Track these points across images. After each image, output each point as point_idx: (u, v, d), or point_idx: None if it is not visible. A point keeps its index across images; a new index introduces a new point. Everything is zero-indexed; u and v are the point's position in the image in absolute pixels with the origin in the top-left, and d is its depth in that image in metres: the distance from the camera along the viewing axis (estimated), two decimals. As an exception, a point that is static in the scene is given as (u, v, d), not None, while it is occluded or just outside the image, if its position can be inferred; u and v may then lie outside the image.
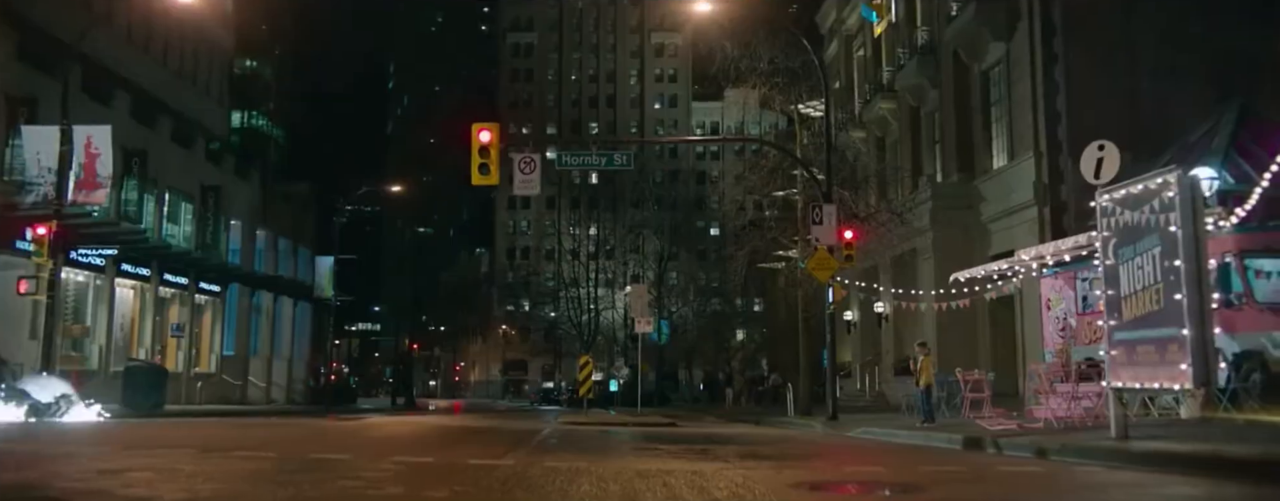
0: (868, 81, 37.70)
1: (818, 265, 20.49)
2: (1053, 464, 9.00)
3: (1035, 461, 9.37)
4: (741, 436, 15.08)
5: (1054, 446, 9.84)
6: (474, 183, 20.81)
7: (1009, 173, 27.32)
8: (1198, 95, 23.78)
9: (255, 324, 41.34)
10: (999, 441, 11.13)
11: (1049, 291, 19.07)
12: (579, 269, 75.18)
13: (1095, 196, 10.16)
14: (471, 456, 8.97)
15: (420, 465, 8.04)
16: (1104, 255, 9.92)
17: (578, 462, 8.16)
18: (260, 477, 6.76)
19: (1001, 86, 28.05)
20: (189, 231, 35.10)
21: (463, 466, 7.93)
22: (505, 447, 10.43)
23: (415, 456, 8.94)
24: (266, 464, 7.75)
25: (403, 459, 8.54)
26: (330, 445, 10.61)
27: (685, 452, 9.99)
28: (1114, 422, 9.86)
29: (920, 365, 16.27)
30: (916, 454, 10.87)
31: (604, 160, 20.94)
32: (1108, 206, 9.81)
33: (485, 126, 20.81)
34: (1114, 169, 10.12)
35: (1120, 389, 9.75)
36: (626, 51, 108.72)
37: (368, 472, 7.25)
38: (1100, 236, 9.93)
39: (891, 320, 32.94)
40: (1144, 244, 9.11)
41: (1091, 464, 8.68)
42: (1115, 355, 9.72)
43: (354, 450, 9.71)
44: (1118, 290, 9.60)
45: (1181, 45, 24.33)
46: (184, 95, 37.52)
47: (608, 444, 11.93)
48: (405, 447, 10.66)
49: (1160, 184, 9.01)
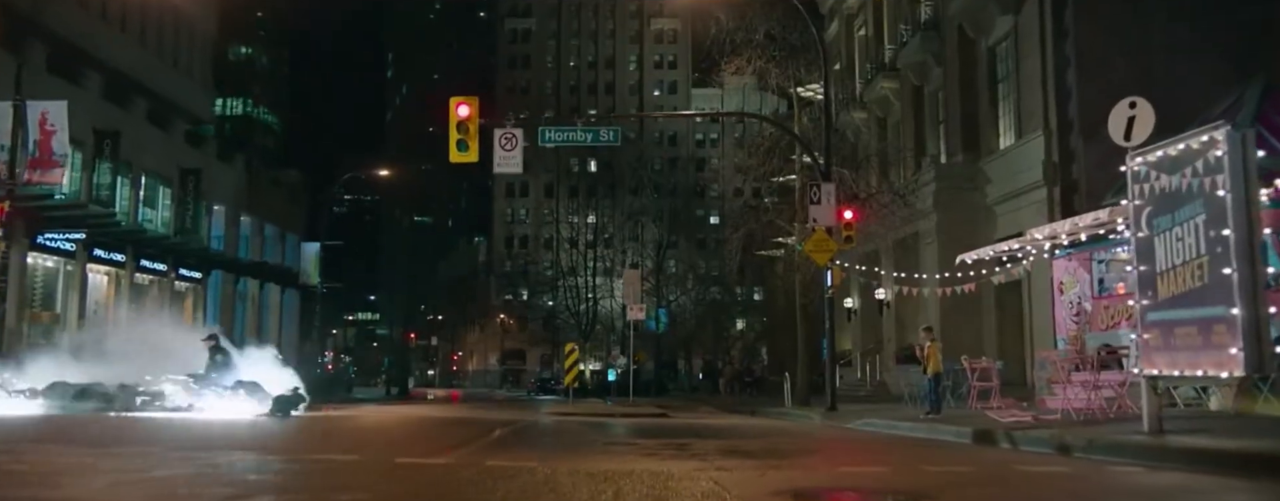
0: (869, 61, 36.46)
1: (816, 247, 19.36)
2: (1079, 462, 7.86)
3: (1058, 459, 8.23)
4: (731, 429, 13.96)
5: (1078, 441, 8.70)
6: (452, 160, 19.67)
7: (1016, 152, 26.14)
8: (1216, 70, 22.56)
9: (241, 312, 40.25)
10: (1013, 435, 10.00)
11: (1062, 274, 17.95)
12: (577, 257, 74.55)
13: (1126, 160, 8.99)
14: (411, 454, 7.86)
15: (335, 465, 6.94)
16: (1135, 226, 8.77)
17: (528, 462, 7.05)
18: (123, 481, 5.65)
19: (1009, 62, 26.83)
20: (168, 216, 33.99)
21: (382, 467, 6.82)
22: (458, 443, 9.30)
23: (344, 453, 7.82)
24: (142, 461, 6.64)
25: (324, 457, 7.45)
26: (259, 442, 9.49)
27: (661, 449, 8.88)
28: (1147, 415, 8.73)
29: (927, 352, 15.12)
30: (922, 449, 9.74)
31: (590, 136, 19.78)
32: (1140, 171, 8.64)
33: (464, 100, 19.67)
34: (1147, 128, 8.94)
35: (1154, 377, 8.60)
36: (625, 37, 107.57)
37: (253, 477, 6.13)
38: (1131, 205, 8.77)
39: (893, 307, 31.78)
40: (1184, 212, 7.96)
41: (1126, 463, 7.55)
42: (1148, 339, 8.58)
43: (279, 448, 8.60)
44: (1152, 265, 8.45)
45: (1198, 17, 23.14)
46: (163, 76, 36.30)
47: (578, 438, 10.80)
48: (345, 443, 9.54)
49: (1205, 143, 7.85)
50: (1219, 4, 22.88)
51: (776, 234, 25.32)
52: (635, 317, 28.65)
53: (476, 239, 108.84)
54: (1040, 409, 14.99)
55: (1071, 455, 8.45)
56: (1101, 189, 22.16)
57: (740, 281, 65.05)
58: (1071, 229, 13.69)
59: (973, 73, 28.37)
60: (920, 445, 10.44)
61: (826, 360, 20.02)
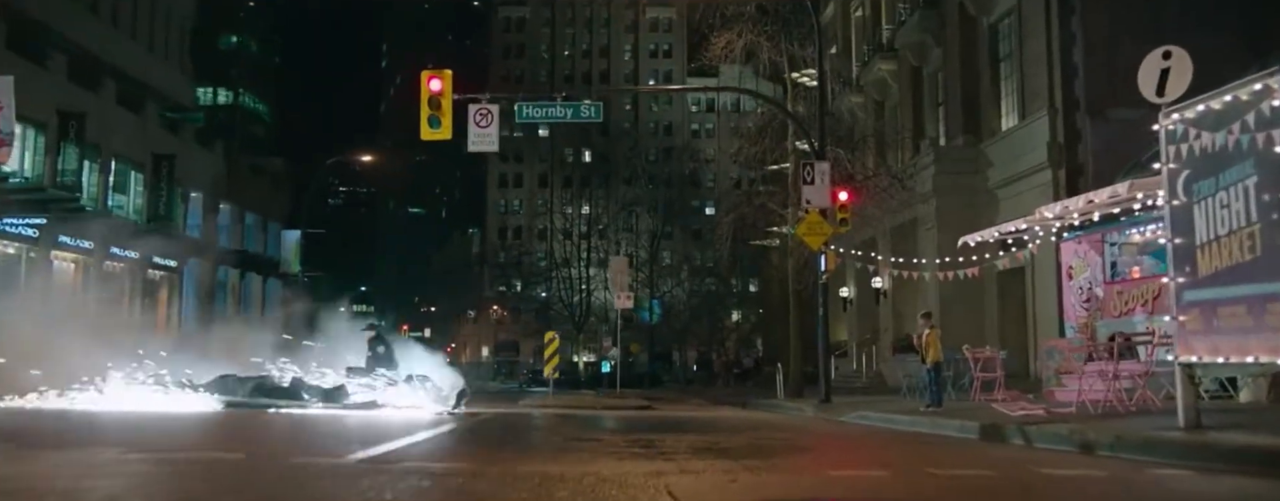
0: (866, 42, 35.31)
1: (809, 230, 18.24)
2: (1109, 462, 6.76)
3: (1083, 458, 7.14)
4: (716, 422, 12.87)
5: (1103, 438, 7.61)
6: (423, 137, 18.48)
7: (1019, 134, 25.06)
8: (1229, 49, 21.32)
9: (220, 301, 39.10)
10: (1026, 430, 8.92)
11: (1070, 257, 16.85)
12: (571, 249, 73.83)
13: (1159, 118, 7.87)
14: (313, 453, 6.75)
15: (204, 464, 5.85)
16: (1169, 193, 7.67)
17: (459, 463, 5.96)
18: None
19: (1012, 40, 25.71)
20: (140, 203, 32.83)
21: (254, 469, 5.72)
22: (391, 439, 8.16)
23: (230, 452, 6.70)
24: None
25: (205, 455, 6.36)
26: (180, 436, 8.40)
27: (628, 446, 7.78)
28: (1182, 409, 7.64)
29: (926, 339, 14.00)
30: (924, 447, 8.65)
31: (570, 112, 18.63)
32: (1177, 129, 7.53)
33: (436, 74, 18.50)
34: (1184, 82, 7.82)
35: (1192, 365, 7.50)
36: (620, 26, 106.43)
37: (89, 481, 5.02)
38: (1166, 169, 7.67)
39: (890, 296, 30.72)
40: (1231, 174, 6.86)
41: (1164, 463, 6.47)
42: (1186, 322, 7.48)
43: (192, 443, 7.50)
44: (1190, 238, 7.35)
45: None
46: (137, 59, 35.05)
47: (543, 434, 9.70)
48: (261, 438, 8.40)
49: (1258, 92, 6.74)
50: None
51: (769, 219, 24.17)
52: (623, 307, 27.53)
53: (470, 230, 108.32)
54: (1049, 401, 13.92)
55: (1095, 453, 7.37)
56: (1109, 170, 21.07)
57: (735, 272, 64.13)
58: (1085, 205, 12.57)
59: (974, 52, 27.26)
60: (922, 442, 9.35)
61: (821, 350, 18.92)
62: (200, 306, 35.77)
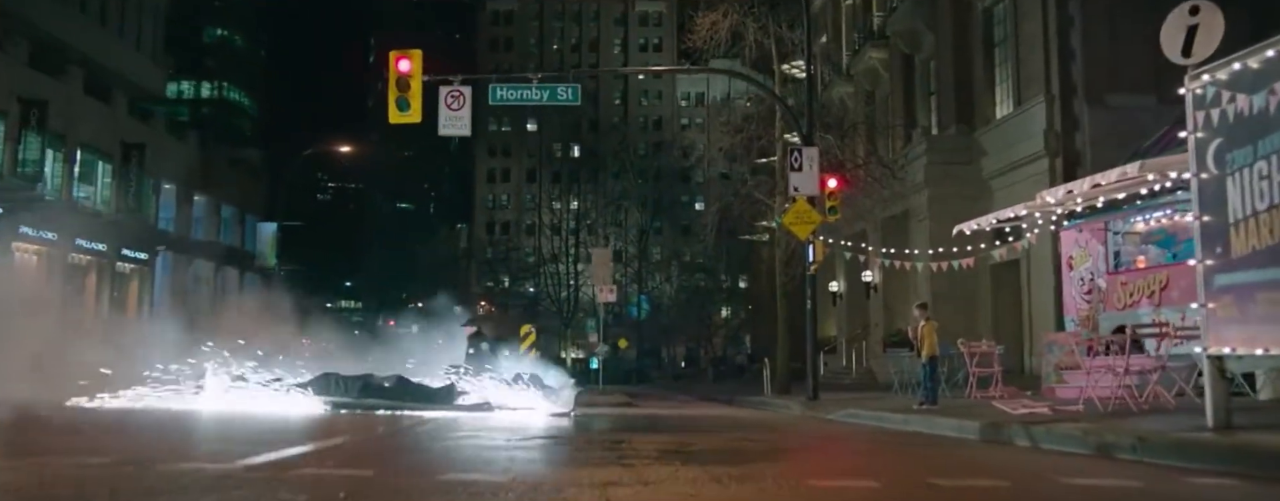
0: (857, 30, 34.44)
1: (796, 219, 17.37)
2: (1135, 468, 5.90)
3: (1103, 463, 6.28)
4: (695, 421, 11.99)
5: (1122, 440, 6.76)
6: (392, 120, 17.64)
7: (1014, 121, 24.26)
8: (1233, 31, 20.59)
9: (196, 296, 38.03)
10: (1032, 431, 8.06)
11: (1071, 247, 16.02)
12: (559, 244, 73.36)
13: (1185, 81, 7.01)
14: (198, 459, 5.86)
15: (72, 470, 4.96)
16: (1197, 165, 6.81)
17: (363, 471, 5.07)
18: None
19: (1007, 24, 24.89)
20: (108, 194, 31.80)
21: (119, 476, 4.82)
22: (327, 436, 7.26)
23: (98, 457, 5.80)
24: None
25: (84, 461, 5.46)
26: (94, 437, 7.47)
27: (585, 449, 6.88)
28: (1210, 407, 6.79)
29: (921, 332, 13.12)
30: (921, 449, 7.79)
31: (545, 94, 17.71)
32: (1206, 92, 6.67)
33: (405, 54, 17.64)
34: (1214, 40, 6.98)
35: (1224, 358, 6.65)
36: (610, 20, 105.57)
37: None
38: (1192, 138, 6.81)
39: (881, 290, 29.90)
40: (1274, 140, 6.00)
41: (1201, 470, 5.61)
42: (1216, 309, 6.63)
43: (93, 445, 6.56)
44: (1222, 214, 6.49)
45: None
46: (106, 46, 34.05)
47: (488, 436, 8.78)
48: (175, 439, 7.48)
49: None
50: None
51: (756, 209, 23.29)
52: (605, 300, 26.69)
53: (458, 225, 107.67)
54: (1050, 398, 13.09)
55: (1115, 457, 6.52)
56: (1108, 159, 20.21)
57: (723, 266, 63.48)
58: (1090, 189, 11.69)
59: (967, 37, 26.45)
60: (917, 443, 8.48)
61: (809, 344, 18.05)
62: (172, 300, 34.78)
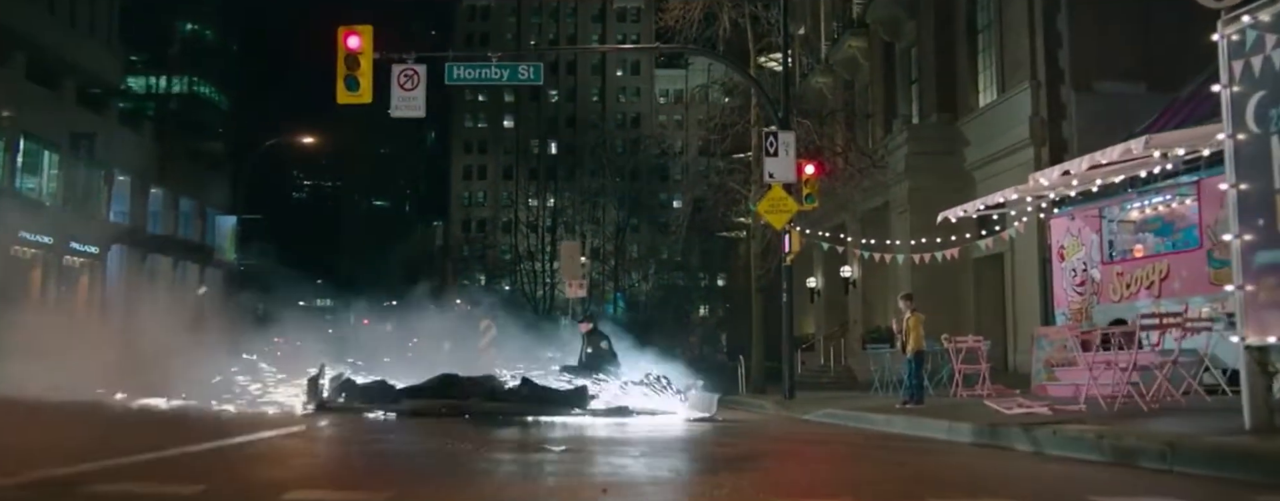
0: (836, 18, 33.52)
1: (772, 207, 16.39)
2: (1173, 482, 4.90)
3: (1131, 474, 5.28)
4: (660, 423, 10.91)
5: (1147, 445, 5.76)
6: (340, 100, 16.57)
7: (998, 109, 23.37)
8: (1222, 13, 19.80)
9: (153, 292, 36.62)
10: (1034, 434, 7.06)
11: (1062, 236, 15.10)
12: (536, 241, 72.66)
13: (1218, 25, 6.02)
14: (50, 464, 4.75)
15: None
16: (1232, 124, 5.82)
17: (183, 489, 4.00)
18: None
19: (991, 8, 24.00)
20: (56, 186, 30.43)
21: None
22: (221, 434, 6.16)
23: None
24: None
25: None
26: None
27: (520, 452, 5.80)
28: (1249, 406, 5.82)
29: (907, 324, 12.10)
30: (909, 456, 6.77)
31: (506, 73, 16.65)
32: (1244, 37, 5.68)
33: (354, 30, 16.51)
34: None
35: (1266, 348, 5.66)
36: (587, 15, 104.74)
37: None
38: (1226, 93, 5.83)
39: (860, 286, 28.99)
40: (1330, 85, 5.00)
41: (1258, 483, 4.62)
42: (1255, 291, 5.64)
43: None
44: (1264, 179, 5.50)
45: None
46: (54, 32, 32.54)
47: (399, 444, 7.68)
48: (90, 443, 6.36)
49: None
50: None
51: (731, 198, 22.28)
52: (574, 295, 25.60)
53: (434, 222, 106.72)
54: (1042, 397, 12.14)
55: (1140, 466, 5.53)
56: (1095, 147, 19.36)
57: (699, 263, 62.66)
58: (1088, 170, 10.73)
59: (950, 22, 25.55)
60: (904, 448, 7.46)
61: (785, 340, 17.07)
62: (128, 295, 33.45)
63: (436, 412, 11.75)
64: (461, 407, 12.17)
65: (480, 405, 12.28)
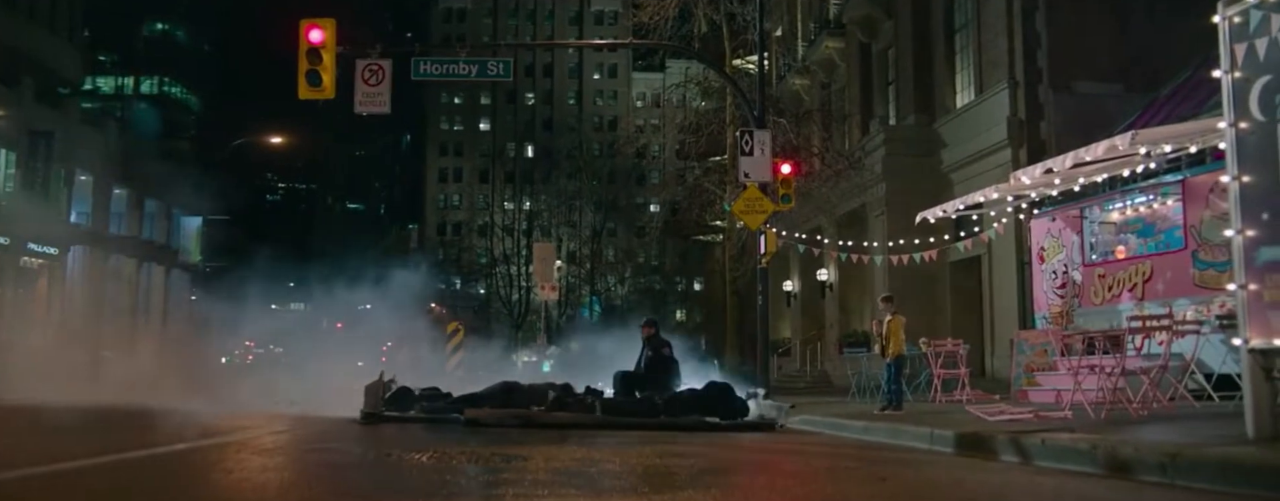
0: (813, 19, 33.21)
1: (747, 207, 15.97)
2: (1177, 494, 4.49)
3: (1132, 487, 4.88)
4: (621, 430, 10.42)
5: (1145, 456, 5.35)
6: (301, 96, 15.98)
7: (976, 110, 23.12)
8: (1202, 16, 19.58)
9: (115, 294, 35.78)
10: (1021, 443, 6.65)
11: (1042, 237, 14.78)
12: (511, 245, 72.38)
13: (1218, 6, 5.63)
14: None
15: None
16: (1233, 111, 5.44)
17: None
18: None
19: (968, 8, 23.76)
20: (11, 186, 29.58)
21: None
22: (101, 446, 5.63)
23: None
24: None
25: None
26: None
27: (455, 464, 5.31)
28: (1252, 413, 5.42)
29: (888, 326, 11.66)
30: (889, 469, 6.33)
31: (475, 69, 16.15)
32: (1246, 18, 5.30)
33: (317, 23, 15.93)
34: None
35: (1270, 351, 5.27)
36: (565, 18, 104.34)
37: None
38: (1227, 78, 5.44)
39: (836, 289, 28.64)
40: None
41: (1266, 499, 4.20)
42: (1259, 291, 5.25)
43: None
44: (1269, 171, 5.11)
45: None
46: (10, 25, 31.72)
47: (292, 467, 7.17)
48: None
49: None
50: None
51: (706, 200, 21.86)
52: (547, 298, 25.07)
53: (409, 226, 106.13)
54: (1023, 402, 11.78)
55: (1139, 478, 5.12)
56: (1073, 148, 19.20)
57: (675, 265, 62.39)
58: (1072, 168, 10.37)
59: (927, 22, 25.30)
60: (884, 459, 7.02)
61: (760, 342, 16.64)
62: (90, 297, 32.62)
63: (502, 422, 10.69)
64: (528, 417, 11.06)
65: (554, 417, 11.12)
